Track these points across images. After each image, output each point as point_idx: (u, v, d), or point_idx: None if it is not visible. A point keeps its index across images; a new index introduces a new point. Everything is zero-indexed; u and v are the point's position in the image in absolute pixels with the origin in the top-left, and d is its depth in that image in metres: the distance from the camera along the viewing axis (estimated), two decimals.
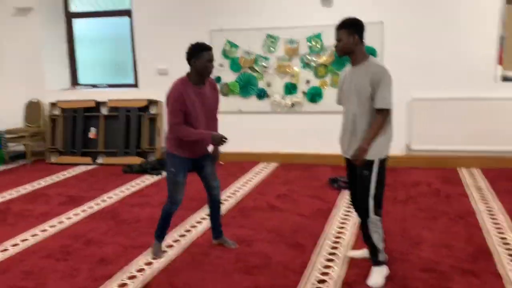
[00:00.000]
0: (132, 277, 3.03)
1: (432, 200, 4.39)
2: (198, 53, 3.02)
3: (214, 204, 3.43)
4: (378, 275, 2.86)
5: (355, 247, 3.38)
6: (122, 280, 2.99)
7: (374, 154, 2.74)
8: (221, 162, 6.04)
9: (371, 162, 2.75)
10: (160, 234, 3.37)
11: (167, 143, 3.21)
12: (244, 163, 5.98)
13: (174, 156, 3.16)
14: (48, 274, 3.11)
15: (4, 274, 3.13)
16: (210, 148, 3.32)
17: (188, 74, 3.11)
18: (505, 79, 5.40)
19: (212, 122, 3.25)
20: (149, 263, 3.23)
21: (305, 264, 3.14)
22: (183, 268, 3.14)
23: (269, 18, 5.78)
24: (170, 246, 3.51)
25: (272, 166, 5.87)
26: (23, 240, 3.71)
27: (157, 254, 3.32)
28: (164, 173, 5.65)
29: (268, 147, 6.05)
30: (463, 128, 5.40)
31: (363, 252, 3.21)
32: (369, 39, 5.42)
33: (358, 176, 2.82)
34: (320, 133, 5.88)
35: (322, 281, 2.91)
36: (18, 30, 6.58)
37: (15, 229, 3.96)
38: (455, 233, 3.60)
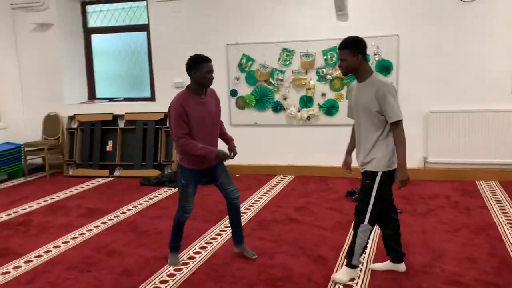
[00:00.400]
0: None
1: (452, 212, 4.36)
2: (197, 65, 3.10)
3: (233, 209, 3.46)
4: (345, 273, 3.04)
5: (377, 260, 3.37)
6: None
7: (377, 166, 2.83)
8: (236, 175, 6.08)
9: (374, 174, 2.84)
10: (175, 245, 3.42)
11: (177, 155, 3.30)
12: (260, 175, 6.00)
13: (183, 168, 3.26)
14: (73, 285, 3.14)
15: (29, 285, 3.17)
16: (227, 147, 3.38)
17: (188, 86, 3.20)
18: None
19: (215, 129, 3.32)
20: (172, 275, 3.24)
21: (329, 277, 3.13)
22: (206, 280, 3.15)
23: (285, 32, 5.84)
24: (192, 258, 3.53)
25: (288, 178, 5.88)
26: (46, 252, 3.75)
27: (176, 263, 3.37)
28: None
29: (284, 160, 6.07)
30: (479, 141, 5.39)
31: (385, 265, 3.21)
32: (385, 52, 5.55)
33: (362, 185, 2.93)
34: (335, 146, 5.83)
35: None
36: (38, 44, 6.71)
37: (37, 240, 4.01)
38: (477, 245, 3.58)
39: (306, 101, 5.89)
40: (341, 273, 3.07)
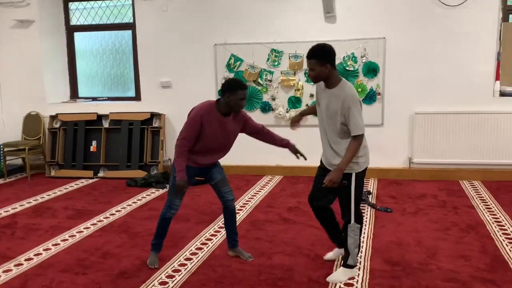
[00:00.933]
0: None
1: (441, 211, 4.46)
2: (235, 90, 3.09)
3: (228, 211, 3.46)
4: (342, 273, 3.10)
5: (374, 258, 3.42)
6: None
7: (351, 168, 2.93)
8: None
9: (349, 175, 2.94)
10: (157, 242, 3.41)
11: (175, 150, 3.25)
12: (248, 176, 6.00)
13: None
14: None
15: None
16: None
17: (218, 101, 3.17)
18: (502, 94, 5.57)
19: (222, 152, 3.33)
20: (171, 276, 3.20)
21: (329, 275, 3.15)
22: (206, 281, 3.12)
23: (274, 33, 5.86)
24: (189, 259, 3.49)
25: (277, 179, 5.89)
26: (36, 254, 3.64)
27: (154, 263, 3.34)
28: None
29: (272, 160, 6.08)
30: (463, 142, 5.53)
31: (335, 252, 3.38)
32: (372, 54, 5.64)
33: (339, 187, 2.96)
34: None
35: None
36: (18, 42, 6.52)
37: (25, 243, 3.89)
38: (469, 243, 3.67)
39: (294, 102, 5.92)
40: (337, 274, 3.12)
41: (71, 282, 3.14)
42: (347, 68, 5.68)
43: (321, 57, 2.85)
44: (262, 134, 3.44)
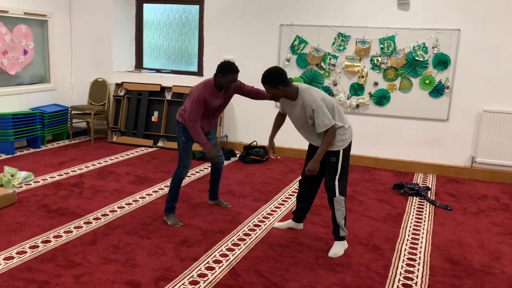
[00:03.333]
0: (217, 261, 3.10)
1: (504, 215, 4.31)
2: (225, 73, 3.51)
3: (216, 172, 4.06)
4: (338, 247, 3.32)
5: (432, 256, 3.36)
6: (208, 264, 3.06)
7: (338, 146, 3.25)
8: (278, 157, 6.09)
9: (337, 152, 3.25)
10: (172, 205, 3.75)
11: (179, 116, 3.71)
12: (301, 160, 5.97)
13: (183, 126, 3.65)
14: (135, 250, 3.21)
15: (93, 246, 3.25)
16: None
17: (215, 81, 3.59)
18: None
19: (217, 117, 3.92)
20: (231, 249, 3.29)
21: (388, 267, 3.14)
22: (265, 258, 3.19)
23: (342, 17, 5.75)
24: (247, 234, 3.57)
25: None
26: (103, 215, 3.83)
27: (178, 222, 3.67)
28: (225, 162, 5.73)
29: None
30: None
31: (287, 223, 3.74)
32: (444, 46, 5.43)
33: (327, 163, 3.29)
34: (381, 137, 5.85)
35: (407, 286, 2.91)
36: (91, 10, 6.76)
37: (92, 203, 4.10)
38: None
39: (357, 89, 5.82)
40: (335, 248, 3.31)
41: (136, 244, 3.30)
42: (416, 58, 5.51)
43: (270, 83, 3.20)
44: (255, 94, 3.88)
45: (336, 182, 3.28)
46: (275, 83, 3.17)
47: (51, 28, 6.52)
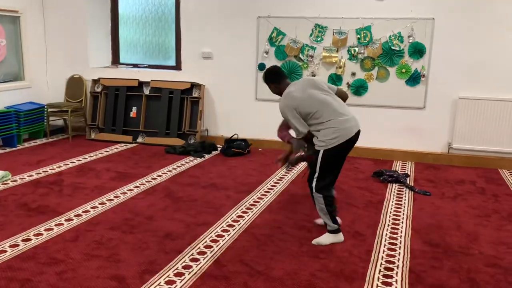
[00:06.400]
0: (201, 253, 3.11)
1: (480, 198, 4.43)
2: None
3: None
4: (324, 237, 3.35)
5: (412, 239, 3.44)
6: (192, 255, 3.07)
7: (318, 145, 3.30)
8: (259, 149, 6.11)
9: (318, 151, 3.31)
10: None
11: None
12: (283, 151, 6.01)
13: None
14: (118, 245, 3.19)
15: (75, 242, 3.22)
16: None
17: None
18: None
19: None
20: (215, 241, 3.30)
21: (370, 252, 3.20)
22: (250, 247, 3.21)
23: (319, 8, 5.78)
24: (231, 225, 3.58)
25: None
26: (85, 212, 3.79)
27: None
28: (206, 156, 5.73)
29: None
30: (506, 130, 5.42)
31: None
32: (419, 35, 5.51)
33: (311, 161, 3.50)
34: (360, 127, 5.90)
35: (389, 269, 2.98)
36: (65, 5, 6.63)
37: (73, 200, 4.05)
38: (511, 231, 3.65)
39: (335, 79, 5.87)
40: (322, 238, 3.35)
41: (120, 240, 3.28)
42: (392, 47, 5.59)
43: (265, 80, 3.53)
44: None
45: (314, 180, 3.33)
46: (268, 80, 3.50)
47: (24, 25, 6.37)
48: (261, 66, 6.08)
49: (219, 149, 6.04)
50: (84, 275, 2.77)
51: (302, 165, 5.15)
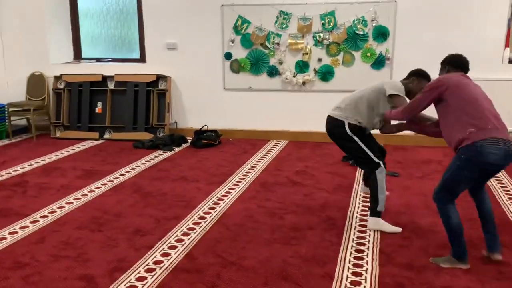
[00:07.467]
0: (172, 247, 3.06)
1: None
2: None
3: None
4: (372, 222, 3.36)
5: (383, 219, 3.49)
6: (163, 250, 3.02)
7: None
8: (230, 139, 6.07)
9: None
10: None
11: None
12: (253, 140, 6.01)
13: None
14: (87, 244, 3.11)
15: (42, 244, 3.12)
16: None
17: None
18: (511, 61, 5.54)
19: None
20: (186, 234, 3.26)
21: (341, 235, 3.23)
22: (222, 238, 3.18)
23: None
24: (202, 218, 3.55)
25: (282, 143, 5.92)
26: (51, 212, 3.68)
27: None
28: (176, 149, 5.65)
29: (278, 125, 6.09)
30: None
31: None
32: (382, 18, 5.56)
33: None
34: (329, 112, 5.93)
35: (360, 251, 3.01)
36: (20, 1, 6.36)
37: (38, 201, 3.93)
38: (475, 208, 3.73)
39: (302, 66, 5.87)
40: (370, 223, 3.35)
41: (88, 239, 3.20)
42: (356, 32, 5.61)
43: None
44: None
45: (369, 155, 3.53)
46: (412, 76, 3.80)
47: None
48: (227, 56, 6.02)
49: (189, 141, 5.97)
50: (51, 277, 2.69)
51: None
